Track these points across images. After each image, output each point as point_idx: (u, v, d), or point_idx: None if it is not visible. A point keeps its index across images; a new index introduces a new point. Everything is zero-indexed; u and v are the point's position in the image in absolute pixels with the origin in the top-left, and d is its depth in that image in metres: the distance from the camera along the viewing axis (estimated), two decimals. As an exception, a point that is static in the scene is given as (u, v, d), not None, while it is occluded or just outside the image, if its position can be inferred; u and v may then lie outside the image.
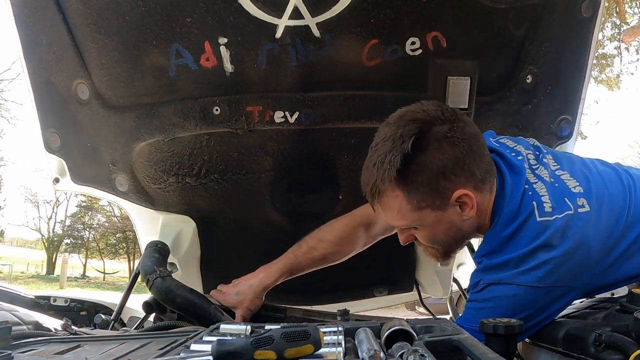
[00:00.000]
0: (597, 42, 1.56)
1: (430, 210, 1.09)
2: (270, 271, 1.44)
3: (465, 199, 1.08)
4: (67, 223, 27.02)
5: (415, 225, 1.14)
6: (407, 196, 1.08)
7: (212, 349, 0.66)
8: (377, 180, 1.08)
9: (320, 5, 1.29)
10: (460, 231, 1.14)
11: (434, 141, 1.05)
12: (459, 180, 1.06)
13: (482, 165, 1.09)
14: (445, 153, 1.05)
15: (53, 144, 1.61)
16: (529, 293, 1.04)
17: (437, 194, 1.07)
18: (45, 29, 1.42)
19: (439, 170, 1.05)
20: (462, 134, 1.06)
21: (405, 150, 1.03)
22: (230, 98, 1.47)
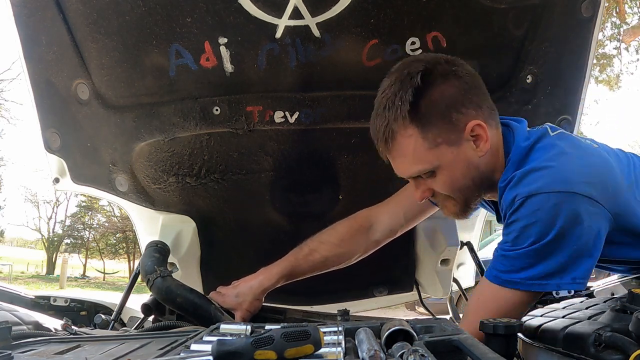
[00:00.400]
0: (597, 42, 1.55)
1: (446, 147, 1.08)
2: (271, 273, 1.42)
3: (479, 131, 1.08)
4: (67, 223, 27.04)
5: (432, 168, 1.10)
6: (422, 133, 1.07)
7: (212, 349, 0.66)
8: (390, 121, 1.07)
9: (320, 5, 1.29)
10: (478, 171, 1.11)
11: (441, 76, 1.07)
12: (469, 112, 1.07)
13: (487, 100, 1.12)
14: (453, 86, 1.07)
15: (53, 144, 1.61)
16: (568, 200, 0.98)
17: (451, 127, 1.07)
18: (45, 29, 1.42)
19: (451, 102, 1.06)
20: (465, 70, 1.10)
21: (415, 84, 1.05)
22: (230, 98, 1.47)
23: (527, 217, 1.00)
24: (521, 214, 1.01)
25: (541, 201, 0.99)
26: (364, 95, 1.48)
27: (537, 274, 1.01)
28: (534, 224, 0.99)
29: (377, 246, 1.48)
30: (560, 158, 1.04)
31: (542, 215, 0.99)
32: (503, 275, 1.04)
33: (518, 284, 1.02)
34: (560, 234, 0.98)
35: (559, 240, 0.99)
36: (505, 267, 1.04)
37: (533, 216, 0.99)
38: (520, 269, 1.02)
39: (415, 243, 1.95)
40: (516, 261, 1.02)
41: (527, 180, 1.02)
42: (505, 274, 1.04)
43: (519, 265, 1.02)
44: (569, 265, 1.00)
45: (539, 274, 1.01)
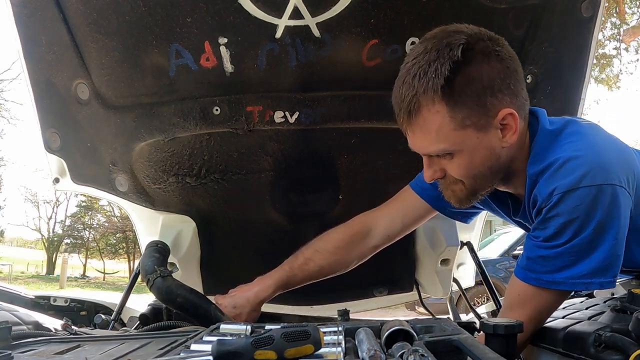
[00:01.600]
0: (597, 42, 1.55)
1: (473, 131, 0.99)
2: (267, 284, 1.39)
3: (510, 121, 1.00)
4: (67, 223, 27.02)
5: (453, 150, 1.02)
6: (450, 112, 0.97)
7: (212, 349, 0.66)
8: (418, 92, 0.97)
9: (320, 5, 1.29)
10: (497, 161, 1.04)
11: (482, 54, 0.97)
12: (504, 98, 0.99)
13: (524, 89, 1.04)
14: (494, 67, 0.98)
15: (53, 144, 1.61)
16: (607, 193, 0.94)
17: (484, 110, 0.98)
18: (45, 29, 1.42)
19: (488, 83, 0.97)
20: (508, 52, 1.01)
21: (455, 57, 0.94)
22: (230, 98, 1.47)
23: (567, 213, 0.96)
24: (561, 209, 0.96)
25: (582, 196, 0.94)
26: (364, 95, 1.49)
27: (579, 272, 0.97)
28: (574, 220, 0.95)
29: (374, 252, 1.44)
30: (595, 146, 1.00)
31: (582, 211, 0.95)
32: (544, 277, 1.00)
33: (560, 283, 0.99)
34: (599, 228, 0.95)
35: (598, 235, 0.95)
36: (545, 268, 1.00)
37: (574, 212, 0.95)
38: (561, 268, 0.98)
39: (415, 243, 1.95)
40: (557, 260, 0.98)
41: (565, 170, 0.97)
42: (547, 274, 1.00)
43: (560, 264, 0.98)
44: (611, 263, 0.97)
45: (581, 272, 0.97)
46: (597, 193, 0.94)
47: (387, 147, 1.63)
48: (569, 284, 0.99)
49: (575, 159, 0.97)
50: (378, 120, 1.53)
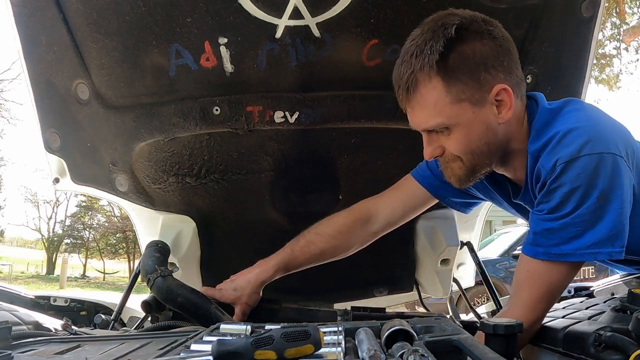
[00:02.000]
0: (597, 42, 1.55)
1: (468, 105, 1.05)
2: (268, 265, 1.40)
3: (504, 96, 1.05)
4: (67, 223, 27.04)
5: (449, 124, 1.07)
6: (446, 86, 1.04)
7: (212, 349, 0.66)
8: (415, 69, 1.04)
9: (320, 5, 1.29)
10: (495, 137, 1.08)
11: (475, 33, 1.04)
12: (498, 75, 1.04)
13: (518, 69, 1.09)
14: (487, 45, 1.04)
15: (53, 144, 1.61)
16: (608, 161, 0.97)
17: (477, 85, 1.04)
18: (45, 29, 1.42)
19: (481, 60, 1.03)
20: (502, 33, 1.07)
21: (448, 34, 1.01)
22: (230, 98, 1.47)
23: (570, 182, 0.98)
24: (564, 179, 0.99)
25: (584, 164, 0.97)
26: (364, 95, 1.49)
27: (587, 242, 0.98)
28: (577, 188, 0.97)
29: (375, 237, 1.45)
30: (595, 119, 1.04)
31: (585, 179, 0.97)
32: (553, 250, 1.01)
33: (569, 255, 1.00)
34: (602, 197, 0.97)
35: (603, 204, 0.97)
36: (553, 242, 1.01)
37: (576, 180, 0.97)
38: (568, 239, 0.99)
39: (415, 243, 1.95)
40: (563, 232, 1.00)
41: (566, 141, 1.00)
42: (555, 247, 1.01)
43: (567, 235, 0.99)
44: (618, 232, 0.98)
45: (589, 242, 0.98)
46: (598, 161, 0.97)
47: (387, 147, 1.63)
48: (578, 255, 0.99)
49: (575, 129, 1.00)
50: (378, 120, 1.53)
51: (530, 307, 1.04)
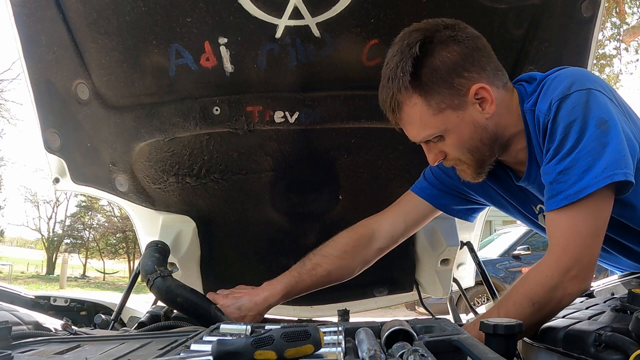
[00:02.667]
0: (597, 42, 1.55)
1: (451, 112, 1.09)
2: (275, 289, 1.40)
3: (483, 94, 1.09)
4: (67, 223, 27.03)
5: (440, 133, 1.12)
6: (425, 100, 1.09)
7: (212, 349, 0.66)
8: (394, 92, 1.10)
9: (320, 5, 1.29)
10: (486, 131, 1.12)
11: (440, 43, 1.08)
12: (471, 75, 1.08)
13: (491, 62, 1.12)
14: (453, 51, 1.08)
15: (53, 144, 1.61)
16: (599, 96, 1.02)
17: (454, 92, 1.08)
18: (45, 29, 1.42)
19: (451, 67, 1.07)
20: (466, 34, 1.10)
21: (414, 54, 1.06)
22: (230, 98, 1.47)
23: (566, 116, 1.01)
24: (560, 116, 1.02)
25: (576, 98, 1.01)
26: (364, 95, 1.49)
27: (601, 168, 0.98)
28: (574, 121, 1.00)
29: (380, 254, 1.46)
30: (579, 69, 1.11)
31: (579, 111, 1.00)
32: (571, 190, 1.00)
33: (587, 187, 0.99)
34: (601, 123, 0.99)
35: (604, 131, 0.99)
36: (568, 183, 1.01)
37: (572, 114, 1.01)
38: (582, 173, 0.99)
39: (415, 243, 1.95)
40: (575, 168, 1.00)
41: (555, 84, 1.05)
42: (572, 187, 1.00)
43: (579, 170, 1.00)
44: (626, 155, 0.99)
45: (602, 167, 0.98)
46: (588, 95, 1.01)
47: (387, 147, 1.63)
48: (595, 183, 0.98)
49: (561, 74, 1.08)
50: (378, 120, 1.53)
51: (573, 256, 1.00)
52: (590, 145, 0.99)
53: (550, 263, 1.02)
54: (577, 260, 1.00)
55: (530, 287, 1.03)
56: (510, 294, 1.07)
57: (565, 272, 1.00)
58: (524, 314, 1.00)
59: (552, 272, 1.00)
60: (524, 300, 1.02)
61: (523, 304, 1.02)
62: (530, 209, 1.28)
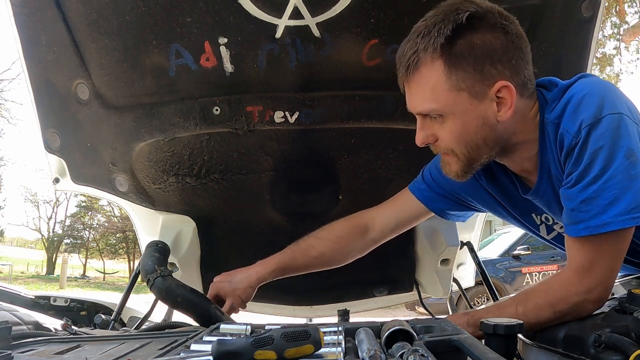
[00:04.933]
0: (598, 42, 1.55)
1: (467, 96, 1.01)
2: (268, 264, 1.41)
3: (505, 94, 1.01)
4: (67, 223, 27.03)
5: (445, 112, 1.03)
6: (447, 72, 1.01)
7: (212, 349, 0.66)
8: (419, 48, 1.01)
9: (320, 5, 1.29)
10: (492, 132, 1.05)
11: (488, 25, 1.00)
12: (504, 71, 1.01)
13: (528, 68, 1.05)
14: (497, 38, 1.00)
15: (53, 144, 1.61)
16: (630, 122, 0.96)
17: (480, 77, 1.01)
18: (45, 29, 1.42)
19: (488, 52, 1.00)
20: (516, 30, 1.03)
21: (459, 20, 0.98)
22: (230, 98, 1.47)
23: (594, 141, 0.95)
24: (589, 141, 0.95)
25: (607, 123, 0.95)
26: (364, 95, 1.49)
27: (627, 206, 0.93)
28: (602, 147, 0.94)
29: (375, 245, 1.45)
30: (609, 84, 1.04)
31: (608, 138, 0.94)
32: (592, 222, 0.96)
33: (610, 224, 0.94)
34: (631, 155, 0.94)
35: (633, 164, 0.94)
36: (590, 213, 0.96)
37: (600, 140, 0.95)
38: (605, 207, 0.95)
39: (415, 243, 1.95)
40: (599, 199, 0.95)
41: (586, 103, 0.98)
42: (593, 219, 0.96)
43: (603, 202, 0.95)
44: None
45: (629, 206, 0.93)
46: (620, 120, 0.95)
47: (387, 147, 1.63)
48: (620, 222, 0.94)
49: (592, 92, 0.99)
50: (378, 120, 1.53)
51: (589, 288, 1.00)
52: (617, 177, 0.94)
53: (575, 281, 1.01)
54: (600, 282, 1.00)
55: (553, 296, 1.02)
56: (531, 296, 1.07)
57: (589, 292, 1.01)
58: (542, 317, 1.02)
59: (576, 289, 1.01)
60: (546, 306, 1.02)
61: (544, 308, 1.02)
62: (531, 220, 1.26)
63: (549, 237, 1.27)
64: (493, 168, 1.21)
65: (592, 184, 0.96)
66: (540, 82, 1.12)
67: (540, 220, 1.25)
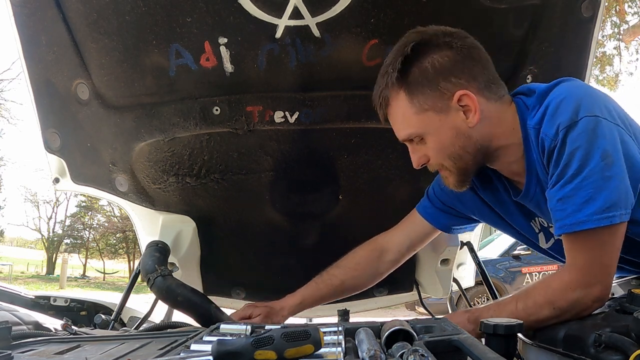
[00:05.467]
0: (598, 42, 1.55)
1: (433, 114, 1.11)
2: (295, 297, 1.49)
3: (467, 101, 1.09)
4: (67, 223, 27.02)
5: (420, 133, 1.13)
6: (409, 98, 1.11)
7: (212, 349, 0.66)
8: (383, 87, 1.14)
9: (320, 5, 1.29)
10: (469, 140, 1.12)
11: (434, 47, 1.10)
12: (459, 82, 1.09)
13: (486, 73, 1.12)
14: (445, 56, 1.09)
15: (53, 144, 1.61)
16: (607, 125, 1.00)
17: (438, 94, 1.10)
18: (45, 29, 1.42)
19: (439, 70, 1.09)
20: (462, 42, 1.11)
21: (405, 52, 1.10)
22: (230, 98, 1.47)
23: (571, 142, 0.99)
24: (566, 143, 1.00)
25: (583, 125, 0.98)
26: (364, 95, 1.48)
27: (601, 205, 0.97)
28: (578, 148, 0.98)
29: (394, 266, 1.52)
30: (587, 87, 1.08)
31: (584, 139, 0.98)
32: (568, 220, 1.00)
33: (585, 222, 0.98)
34: (606, 157, 0.97)
35: (609, 165, 0.97)
36: (566, 212, 1.00)
37: (577, 140, 0.98)
38: (581, 205, 0.98)
39: (415, 243, 1.94)
40: (575, 198, 0.99)
41: (563, 107, 1.02)
42: (569, 217, 1.00)
43: (579, 201, 0.98)
44: (629, 193, 0.98)
45: (603, 205, 0.97)
46: (596, 123, 0.99)
47: (387, 147, 1.63)
48: (594, 221, 0.97)
49: (570, 96, 1.03)
50: (378, 120, 1.52)
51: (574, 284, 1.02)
52: (593, 177, 0.97)
53: (571, 278, 1.03)
54: (597, 279, 1.02)
55: (552, 294, 1.03)
56: (531, 293, 1.07)
57: (587, 288, 1.01)
58: (542, 314, 1.03)
59: (573, 286, 1.02)
60: (545, 303, 1.03)
61: (544, 306, 1.03)
62: (528, 228, 1.28)
63: (548, 246, 1.29)
64: (489, 174, 1.25)
65: (569, 182, 1.00)
66: (519, 90, 1.19)
67: (538, 228, 1.27)
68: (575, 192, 0.99)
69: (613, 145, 0.99)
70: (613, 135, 0.99)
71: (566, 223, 1.01)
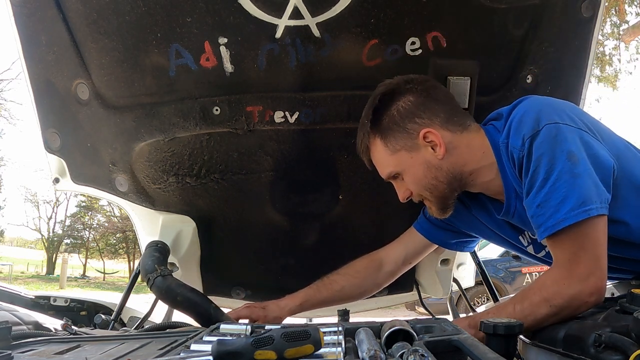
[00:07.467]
0: (598, 41, 1.55)
1: (405, 152, 1.25)
2: (296, 297, 1.54)
3: (432, 137, 1.22)
4: (67, 223, 27.02)
5: (397, 171, 1.28)
6: (384, 143, 1.28)
7: (212, 349, 0.66)
8: (362, 137, 1.32)
9: (320, 5, 1.29)
10: (440, 170, 1.24)
11: (397, 95, 1.27)
12: (423, 121, 1.24)
13: (447, 109, 1.26)
14: (407, 101, 1.25)
15: (53, 144, 1.61)
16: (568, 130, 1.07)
17: (407, 135, 1.24)
18: (45, 29, 1.42)
19: (405, 114, 1.25)
20: (422, 86, 1.27)
21: (375, 104, 1.28)
22: (230, 98, 1.47)
23: (536, 149, 1.06)
24: (532, 151, 1.07)
25: (545, 133, 1.06)
26: (364, 95, 1.48)
27: (577, 201, 1.01)
28: (543, 153, 1.05)
29: (391, 278, 1.60)
30: (546, 99, 1.17)
31: (548, 145, 1.05)
32: (549, 222, 1.05)
33: (564, 220, 1.02)
34: (571, 157, 1.03)
35: (575, 164, 1.03)
36: (545, 216, 1.05)
37: (541, 147, 1.06)
38: (557, 206, 1.03)
39: (415, 243, 1.94)
40: (550, 201, 1.04)
41: (526, 120, 1.10)
42: (550, 219, 1.04)
43: (555, 202, 1.03)
44: (599, 186, 1.03)
45: (578, 199, 1.01)
46: (557, 129, 1.06)
47: (387, 147, 1.63)
48: (572, 216, 1.02)
49: (530, 108, 1.13)
50: (378, 120, 1.53)
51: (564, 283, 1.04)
52: (563, 177, 1.03)
53: (564, 274, 1.04)
54: (591, 271, 1.03)
55: (547, 292, 1.05)
56: (527, 294, 1.09)
57: (582, 281, 1.03)
58: (540, 313, 1.04)
59: (568, 281, 1.03)
60: (542, 302, 1.04)
61: (541, 305, 1.04)
62: (519, 241, 1.33)
63: (541, 255, 1.32)
64: (479, 196, 1.33)
65: (542, 188, 1.06)
66: (489, 117, 1.30)
67: (527, 241, 1.32)
68: (549, 195, 1.04)
69: (576, 146, 1.05)
70: (574, 138, 1.06)
71: (547, 226, 1.05)
